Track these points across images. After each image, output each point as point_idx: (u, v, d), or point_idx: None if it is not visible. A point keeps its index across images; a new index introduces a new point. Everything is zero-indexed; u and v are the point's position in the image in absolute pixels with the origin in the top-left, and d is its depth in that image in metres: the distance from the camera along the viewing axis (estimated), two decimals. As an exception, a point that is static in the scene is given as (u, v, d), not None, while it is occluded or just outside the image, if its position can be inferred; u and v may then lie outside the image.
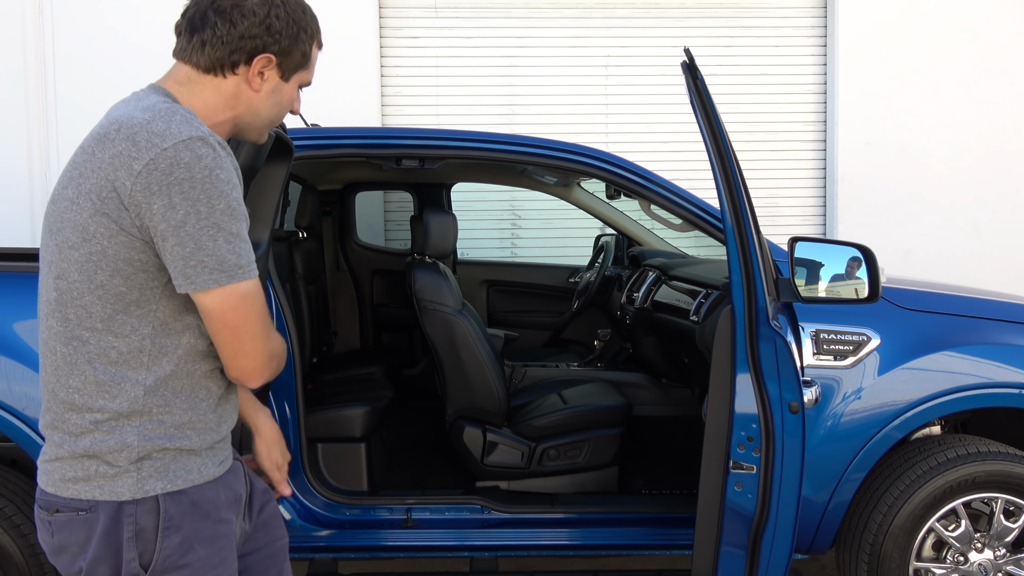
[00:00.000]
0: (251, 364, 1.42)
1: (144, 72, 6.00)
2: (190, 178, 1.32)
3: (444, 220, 3.14)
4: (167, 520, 1.40)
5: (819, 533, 2.72)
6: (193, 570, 1.43)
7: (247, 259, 1.38)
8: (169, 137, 1.32)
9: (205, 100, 1.47)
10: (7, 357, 2.50)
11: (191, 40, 1.48)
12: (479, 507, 2.88)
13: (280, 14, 1.46)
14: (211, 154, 1.34)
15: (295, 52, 1.50)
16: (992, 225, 5.80)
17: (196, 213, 1.32)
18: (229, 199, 1.35)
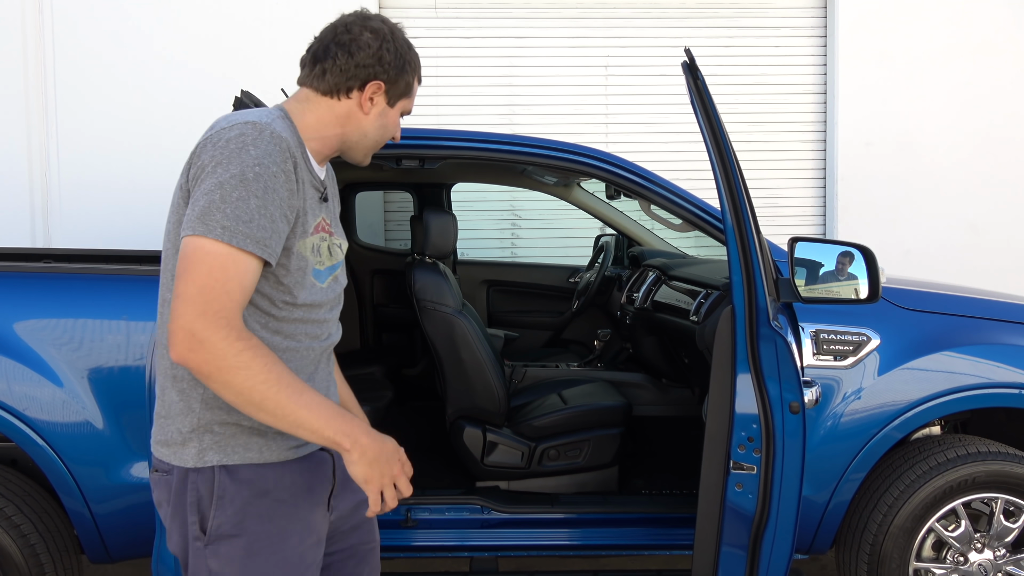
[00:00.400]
0: (174, 324, 1.38)
1: (144, 72, 6.03)
2: (225, 146, 1.45)
3: (444, 220, 3.14)
4: (220, 491, 1.50)
5: (819, 533, 2.72)
6: (248, 542, 1.50)
7: (232, 222, 1.40)
8: (233, 120, 1.50)
9: (319, 116, 1.64)
10: (7, 357, 2.49)
11: (313, 69, 1.66)
12: (479, 507, 2.88)
13: (390, 48, 1.65)
14: (253, 133, 1.46)
15: (401, 82, 1.68)
16: (992, 225, 5.80)
17: (212, 172, 1.44)
18: (246, 170, 1.43)
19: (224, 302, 1.39)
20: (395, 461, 1.51)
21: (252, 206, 1.42)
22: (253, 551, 1.51)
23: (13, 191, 5.33)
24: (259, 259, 1.44)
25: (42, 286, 2.57)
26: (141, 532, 2.56)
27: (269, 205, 1.44)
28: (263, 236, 1.43)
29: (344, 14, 1.72)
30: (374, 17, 1.69)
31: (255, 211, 1.42)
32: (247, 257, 1.42)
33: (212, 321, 1.36)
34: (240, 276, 1.41)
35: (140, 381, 2.45)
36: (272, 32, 5.43)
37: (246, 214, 1.41)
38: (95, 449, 2.51)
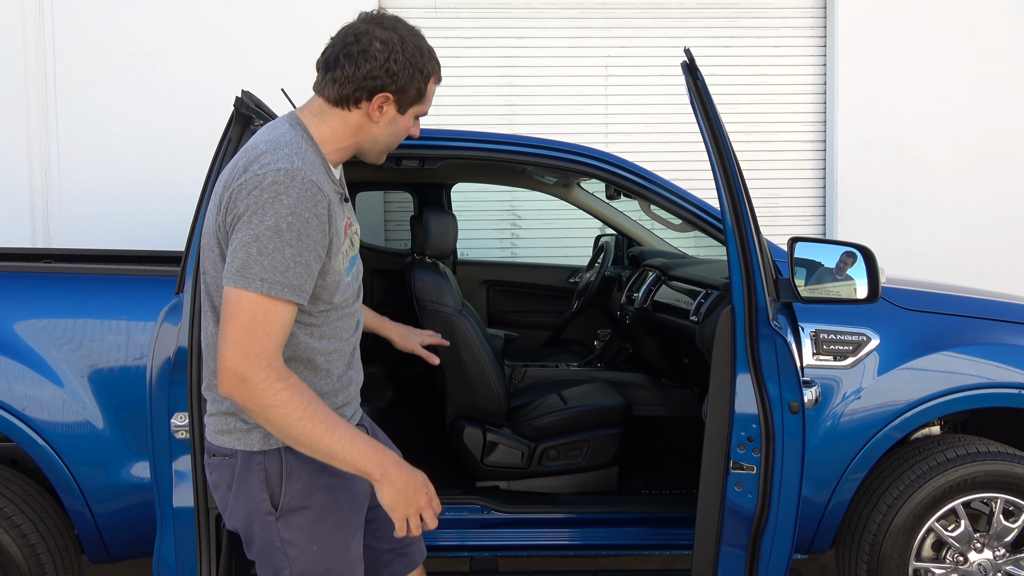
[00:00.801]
0: (222, 364, 1.54)
1: (144, 72, 6.02)
2: (259, 195, 1.55)
3: (444, 220, 3.14)
4: (288, 469, 1.69)
5: (819, 533, 2.72)
6: (314, 512, 1.71)
7: (270, 275, 1.54)
8: (266, 165, 1.58)
9: (333, 129, 1.72)
10: (7, 357, 2.50)
11: (325, 77, 1.71)
12: (479, 507, 2.89)
13: (399, 59, 1.68)
14: (286, 182, 1.56)
15: (410, 90, 1.72)
16: (992, 225, 5.80)
17: (248, 223, 1.55)
18: (280, 221, 1.54)
19: (265, 344, 1.54)
20: (422, 493, 1.65)
21: (287, 256, 1.55)
22: (319, 519, 1.71)
23: (13, 191, 5.33)
24: (291, 302, 1.58)
25: (42, 286, 2.58)
26: (141, 532, 2.56)
27: (303, 252, 1.57)
28: (298, 283, 1.58)
29: (358, 17, 1.73)
30: (387, 22, 1.72)
31: (290, 261, 1.56)
32: (284, 304, 1.57)
33: (254, 363, 1.52)
34: (279, 321, 1.57)
35: (140, 381, 2.45)
36: (273, 32, 5.43)
37: (282, 264, 1.55)
38: (95, 449, 2.51)
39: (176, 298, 2.31)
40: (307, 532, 1.71)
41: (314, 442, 1.56)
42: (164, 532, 2.18)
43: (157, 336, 2.26)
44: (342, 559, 1.75)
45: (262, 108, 2.30)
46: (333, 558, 1.73)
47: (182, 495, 2.14)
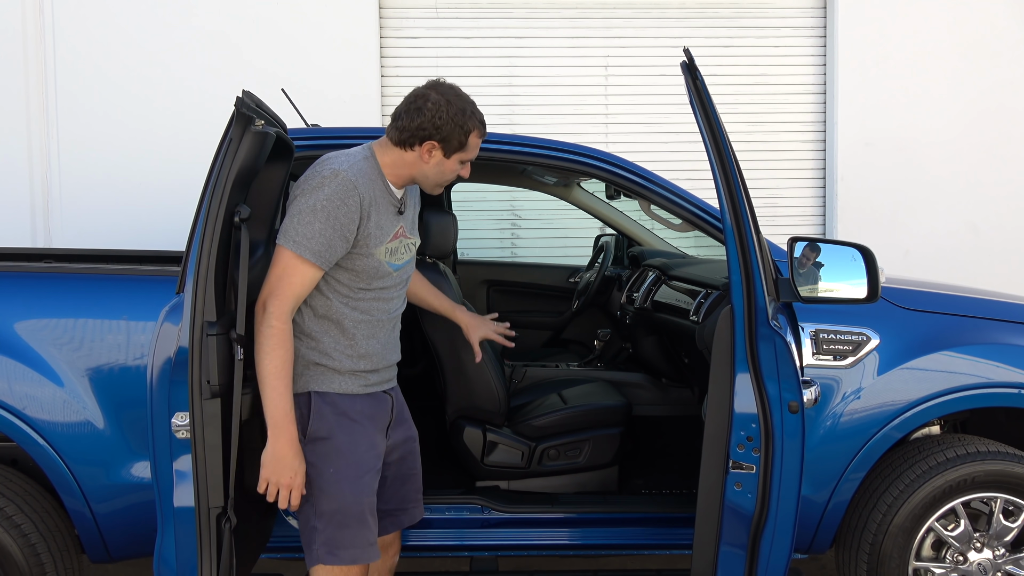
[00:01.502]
0: (260, 295, 2.12)
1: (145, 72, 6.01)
2: (309, 183, 2.14)
3: (444, 220, 3.14)
4: (316, 408, 2.19)
5: (819, 533, 2.73)
6: (333, 444, 2.18)
7: (301, 239, 2.09)
8: (324, 165, 2.17)
9: (392, 160, 2.23)
10: (7, 357, 2.50)
11: (392, 124, 2.22)
12: (479, 507, 2.89)
13: (444, 116, 2.16)
14: (330, 177, 2.12)
15: (453, 141, 2.20)
16: (991, 225, 5.80)
17: (297, 201, 2.13)
18: (316, 203, 2.09)
19: (285, 291, 2.10)
20: (287, 474, 2.09)
21: (316, 229, 2.09)
22: (337, 451, 2.18)
23: (13, 191, 5.33)
24: (313, 264, 2.10)
25: (42, 286, 2.58)
26: (142, 531, 2.56)
27: (328, 229, 2.09)
28: (319, 250, 2.10)
29: (425, 83, 2.23)
30: (443, 89, 2.21)
31: (316, 233, 2.09)
32: (307, 265, 2.10)
33: (272, 298, 2.09)
34: (300, 277, 2.11)
35: (140, 381, 2.45)
36: (274, 32, 5.43)
37: (310, 233, 2.09)
38: (96, 449, 2.51)
39: (176, 298, 2.31)
40: (325, 458, 2.17)
41: (264, 375, 2.07)
42: (165, 532, 2.18)
43: (157, 336, 2.26)
44: (352, 485, 2.18)
45: (263, 108, 2.31)
46: (346, 482, 2.17)
47: (183, 495, 2.14)
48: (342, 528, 2.16)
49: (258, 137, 2.13)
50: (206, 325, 2.07)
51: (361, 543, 2.18)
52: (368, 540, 2.19)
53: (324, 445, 2.17)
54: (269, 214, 2.51)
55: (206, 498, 2.10)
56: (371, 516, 2.21)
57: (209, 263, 2.09)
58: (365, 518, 2.19)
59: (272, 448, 2.08)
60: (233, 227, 2.14)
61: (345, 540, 2.16)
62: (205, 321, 2.08)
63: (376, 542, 2.23)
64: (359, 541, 2.17)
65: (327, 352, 2.20)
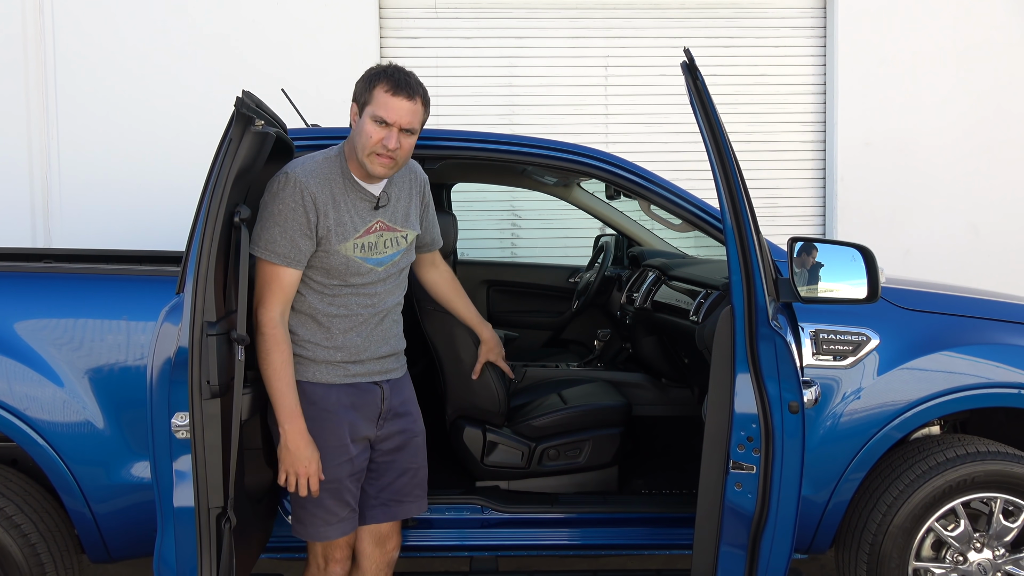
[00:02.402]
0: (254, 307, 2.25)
1: (145, 72, 6.00)
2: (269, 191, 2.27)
3: (444, 220, 3.14)
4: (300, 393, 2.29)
5: (819, 533, 2.73)
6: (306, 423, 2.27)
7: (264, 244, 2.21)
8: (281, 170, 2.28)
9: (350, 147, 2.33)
10: (7, 357, 2.50)
11: None
12: (479, 507, 2.89)
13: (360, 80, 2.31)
14: (283, 184, 2.23)
15: (361, 98, 2.28)
16: (991, 225, 5.80)
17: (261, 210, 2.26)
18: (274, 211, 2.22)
19: (268, 296, 2.23)
20: (302, 464, 2.23)
21: (275, 233, 2.21)
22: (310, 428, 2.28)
23: (13, 191, 5.33)
24: (282, 266, 2.22)
25: (42, 286, 2.58)
26: (141, 532, 2.56)
27: (286, 231, 2.21)
28: (284, 252, 2.22)
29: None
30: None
31: (276, 235, 2.21)
32: (280, 268, 2.23)
33: (258, 304, 2.24)
34: (278, 281, 2.23)
35: (140, 381, 2.45)
36: (273, 33, 5.43)
37: (273, 239, 2.22)
38: (95, 449, 2.51)
39: (176, 298, 2.30)
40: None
41: (267, 376, 2.22)
42: (164, 532, 2.18)
43: (157, 336, 2.25)
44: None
45: (262, 108, 2.30)
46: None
47: (183, 495, 2.14)
48: (301, 508, 2.35)
49: (258, 137, 2.13)
50: (206, 325, 2.08)
51: (318, 523, 2.35)
52: (327, 521, 2.35)
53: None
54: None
55: (206, 498, 2.10)
56: (333, 499, 2.33)
57: (209, 263, 2.09)
58: (322, 502, 2.32)
59: (285, 442, 2.23)
60: (233, 227, 2.14)
61: (304, 518, 2.36)
62: (205, 321, 2.08)
63: (345, 520, 2.38)
64: (316, 521, 2.34)
65: (302, 343, 2.32)
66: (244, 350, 2.11)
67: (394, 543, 2.54)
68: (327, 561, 2.44)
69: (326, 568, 2.44)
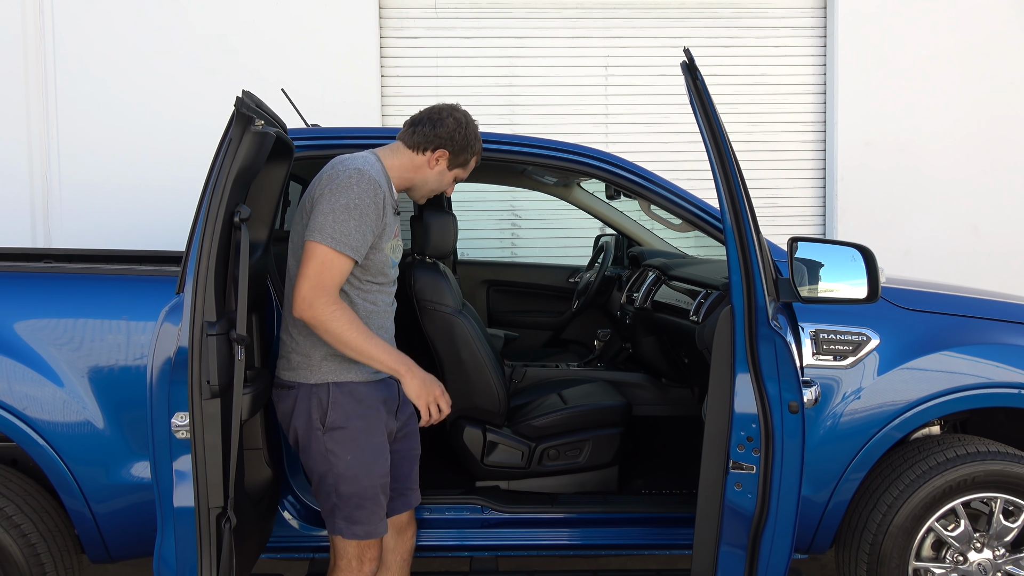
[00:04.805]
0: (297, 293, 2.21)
1: (145, 73, 6.01)
2: (339, 181, 2.26)
3: (444, 220, 3.14)
4: (334, 399, 2.32)
5: (819, 533, 2.73)
6: (350, 432, 2.32)
7: (339, 236, 2.21)
8: (347, 164, 2.30)
9: (402, 163, 2.44)
10: (7, 357, 2.50)
11: (409, 128, 2.45)
12: (479, 507, 2.89)
13: (462, 132, 2.44)
14: (357, 176, 2.26)
15: (461, 157, 2.47)
16: (991, 225, 5.80)
17: (328, 199, 2.25)
18: (349, 202, 2.23)
19: (327, 281, 2.21)
20: (435, 387, 2.36)
21: (351, 226, 2.22)
22: (354, 438, 2.33)
23: (13, 191, 5.33)
24: (350, 257, 2.24)
25: (42, 286, 2.58)
26: (142, 532, 2.56)
27: (361, 225, 2.24)
28: (355, 244, 2.24)
29: (442, 103, 2.48)
30: (461, 111, 2.47)
31: (352, 229, 2.22)
32: (344, 258, 2.23)
33: (318, 292, 2.20)
34: (339, 268, 2.23)
35: (140, 381, 2.45)
36: (273, 33, 5.43)
37: (347, 230, 2.22)
38: (95, 449, 2.51)
39: (176, 298, 2.30)
40: (344, 445, 2.32)
41: (359, 346, 2.23)
42: (164, 532, 2.18)
43: (157, 336, 2.25)
44: (368, 470, 2.35)
45: (263, 108, 2.31)
46: (362, 467, 2.34)
47: (183, 495, 2.14)
48: (359, 508, 2.35)
49: (258, 137, 2.13)
50: (206, 325, 2.08)
51: (375, 520, 2.38)
52: (380, 516, 2.39)
53: (342, 434, 2.32)
54: (269, 214, 2.51)
55: (206, 498, 2.10)
56: (383, 495, 2.40)
57: (209, 263, 2.09)
58: (379, 498, 2.38)
59: (416, 381, 2.33)
60: (233, 227, 2.14)
61: (362, 518, 2.36)
62: (205, 321, 2.08)
63: (386, 517, 2.43)
64: (373, 519, 2.37)
65: None
66: (244, 350, 2.11)
67: (412, 530, 2.62)
68: (362, 561, 2.41)
69: (360, 569, 2.42)
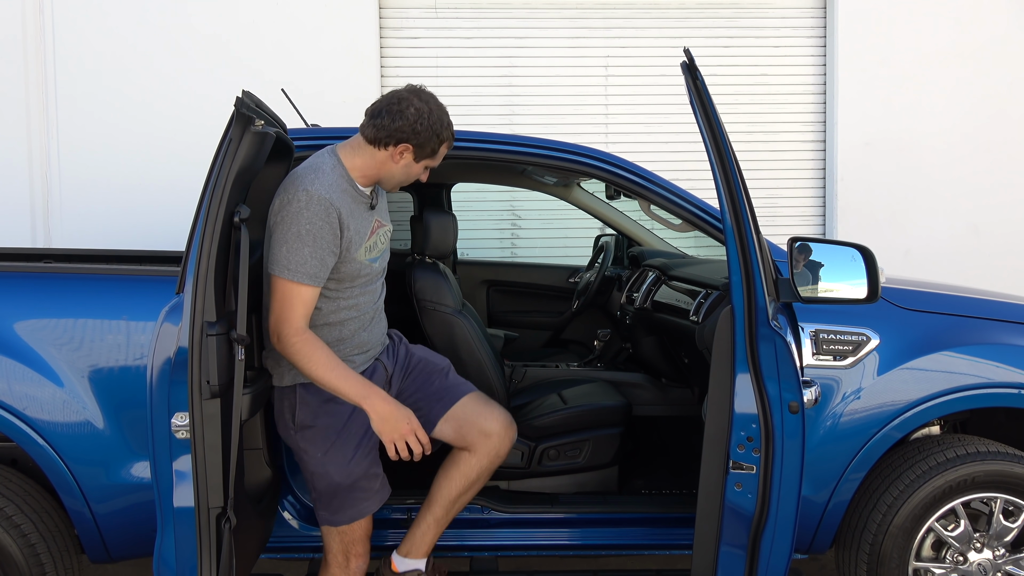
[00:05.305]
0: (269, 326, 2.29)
1: (145, 72, 6.01)
2: (289, 209, 2.23)
3: (444, 220, 3.14)
4: (300, 399, 2.38)
5: (819, 533, 2.73)
6: (319, 430, 2.38)
7: (295, 266, 2.21)
8: (297, 187, 2.24)
9: (364, 161, 2.35)
10: (7, 357, 2.50)
11: (369, 121, 2.32)
12: (479, 507, 2.89)
13: (424, 123, 2.28)
14: (306, 200, 2.21)
15: (427, 148, 2.33)
16: (992, 225, 5.80)
17: (281, 229, 2.24)
18: (301, 230, 2.21)
19: (290, 314, 2.24)
20: (402, 424, 2.29)
21: (305, 253, 2.21)
22: (323, 435, 2.38)
23: (13, 191, 5.33)
24: (310, 285, 2.24)
25: (42, 286, 2.58)
26: (141, 532, 2.56)
27: (317, 251, 2.22)
28: (312, 271, 2.23)
29: (405, 87, 2.33)
30: (425, 94, 2.32)
31: (308, 256, 2.22)
32: (304, 287, 2.24)
33: (282, 325, 2.25)
34: (301, 298, 2.24)
35: (140, 381, 2.45)
36: (273, 33, 5.43)
37: (302, 259, 2.21)
38: (95, 449, 2.51)
39: (176, 298, 2.31)
40: (314, 443, 2.38)
41: (321, 380, 2.26)
42: (164, 532, 2.18)
43: (157, 336, 2.26)
44: (340, 463, 2.39)
45: (262, 108, 2.31)
46: (333, 463, 2.38)
47: (182, 495, 2.14)
48: (336, 498, 2.42)
49: (258, 137, 2.13)
50: (206, 325, 2.08)
51: (355, 504, 2.43)
52: (362, 499, 2.44)
53: (311, 432, 2.39)
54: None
55: (206, 498, 2.10)
56: (364, 479, 2.43)
57: (209, 263, 2.09)
58: (356, 485, 2.42)
59: (374, 415, 2.28)
60: (233, 227, 2.14)
61: (342, 506, 2.43)
62: (205, 321, 2.08)
63: (380, 490, 2.49)
64: (354, 503, 2.43)
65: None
66: (244, 350, 2.11)
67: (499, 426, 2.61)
68: (347, 556, 2.47)
69: (347, 565, 2.47)
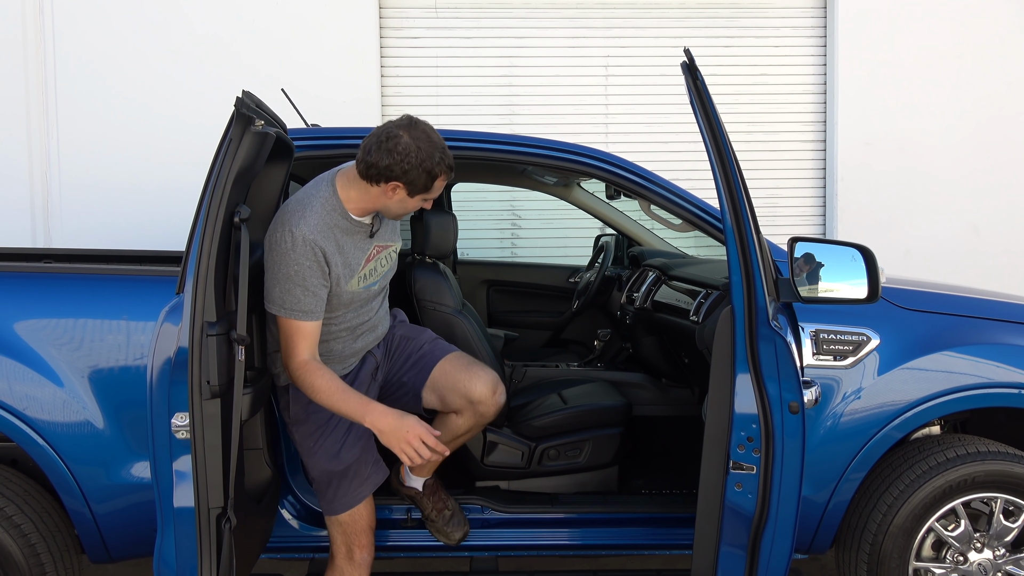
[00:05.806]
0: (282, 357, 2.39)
1: (145, 72, 6.00)
2: (277, 250, 2.31)
3: (444, 220, 3.14)
4: (292, 395, 2.50)
5: (819, 533, 2.72)
6: (311, 423, 2.51)
7: (289, 305, 2.31)
8: (284, 228, 2.30)
9: (358, 194, 2.37)
10: (7, 357, 2.50)
11: (361, 156, 2.29)
12: (479, 507, 2.89)
13: (412, 161, 2.24)
14: (291, 242, 2.28)
15: (418, 184, 2.30)
16: (992, 225, 5.80)
17: (270, 269, 2.33)
18: (290, 271, 2.29)
19: (291, 348, 2.34)
20: (405, 432, 2.28)
21: (298, 294, 2.30)
22: (315, 428, 2.51)
23: (13, 191, 5.33)
24: (308, 321, 2.32)
25: (42, 286, 2.58)
26: (141, 532, 2.56)
27: (308, 291, 2.30)
28: (307, 308, 2.32)
29: (399, 118, 2.30)
30: (415, 132, 2.26)
31: (299, 296, 2.30)
32: (300, 323, 2.32)
33: (288, 357, 2.36)
34: (302, 332, 2.33)
35: (140, 381, 2.45)
36: (273, 33, 5.43)
37: (296, 299, 2.30)
38: (95, 449, 2.51)
39: (176, 298, 2.31)
40: (308, 436, 2.51)
41: (323, 404, 2.33)
42: (164, 532, 2.18)
43: (157, 336, 2.26)
44: (331, 453, 2.50)
45: (262, 108, 2.31)
46: (325, 454, 2.51)
47: (183, 495, 2.14)
48: (330, 487, 2.52)
49: (258, 137, 2.13)
50: (206, 325, 2.08)
51: (350, 492, 2.52)
52: (357, 485, 2.52)
53: (304, 426, 2.51)
54: (269, 214, 2.51)
55: (206, 498, 2.10)
56: (358, 466, 2.53)
57: (209, 263, 2.09)
58: (349, 473, 2.52)
59: (378, 429, 2.30)
60: (233, 227, 2.14)
61: (337, 494, 2.52)
62: (205, 321, 2.08)
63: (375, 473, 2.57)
64: (348, 491, 2.52)
65: None
66: (244, 350, 2.11)
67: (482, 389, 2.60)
68: (350, 548, 2.53)
69: (352, 557, 2.53)
